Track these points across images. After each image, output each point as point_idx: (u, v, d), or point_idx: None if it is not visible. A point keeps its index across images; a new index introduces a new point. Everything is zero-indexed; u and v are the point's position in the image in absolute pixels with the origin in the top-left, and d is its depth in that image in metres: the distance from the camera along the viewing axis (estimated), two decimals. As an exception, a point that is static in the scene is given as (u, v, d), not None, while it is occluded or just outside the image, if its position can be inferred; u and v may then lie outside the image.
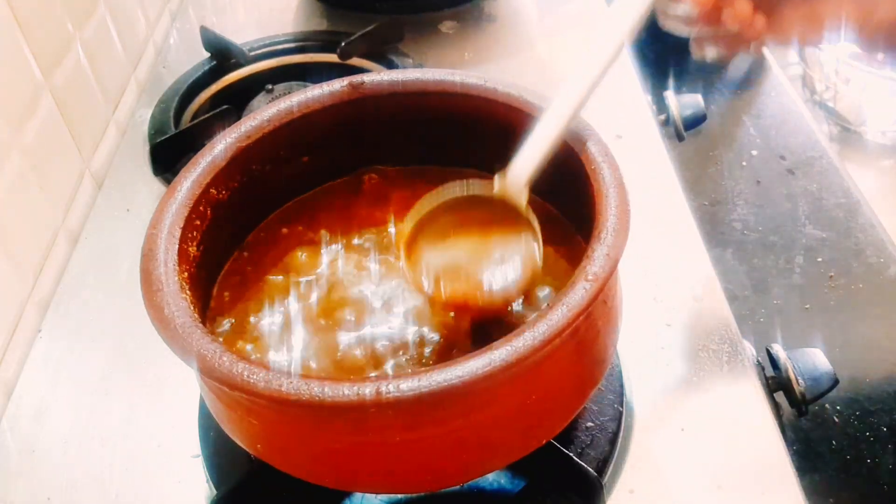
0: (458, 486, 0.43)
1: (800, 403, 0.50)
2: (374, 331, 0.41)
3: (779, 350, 0.51)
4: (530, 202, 0.40)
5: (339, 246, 0.46)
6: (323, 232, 0.46)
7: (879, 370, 0.63)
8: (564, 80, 0.39)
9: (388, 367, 0.40)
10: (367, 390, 0.30)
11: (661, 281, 0.55)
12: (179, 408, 0.50)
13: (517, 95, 0.43)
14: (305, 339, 0.41)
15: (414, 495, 0.44)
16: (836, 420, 0.60)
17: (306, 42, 0.81)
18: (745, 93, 0.90)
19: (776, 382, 0.51)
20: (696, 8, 0.42)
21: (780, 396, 0.51)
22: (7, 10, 0.57)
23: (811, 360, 0.51)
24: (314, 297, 0.43)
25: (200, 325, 0.35)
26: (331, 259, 0.45)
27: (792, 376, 0.50)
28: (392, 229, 0.46)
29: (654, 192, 0.62)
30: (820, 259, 0.70)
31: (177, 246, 0.38)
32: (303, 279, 0.44)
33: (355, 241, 0.46)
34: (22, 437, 0.49)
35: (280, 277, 0.44)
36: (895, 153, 0.98)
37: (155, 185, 0.67)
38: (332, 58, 0.79)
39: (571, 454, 0.42)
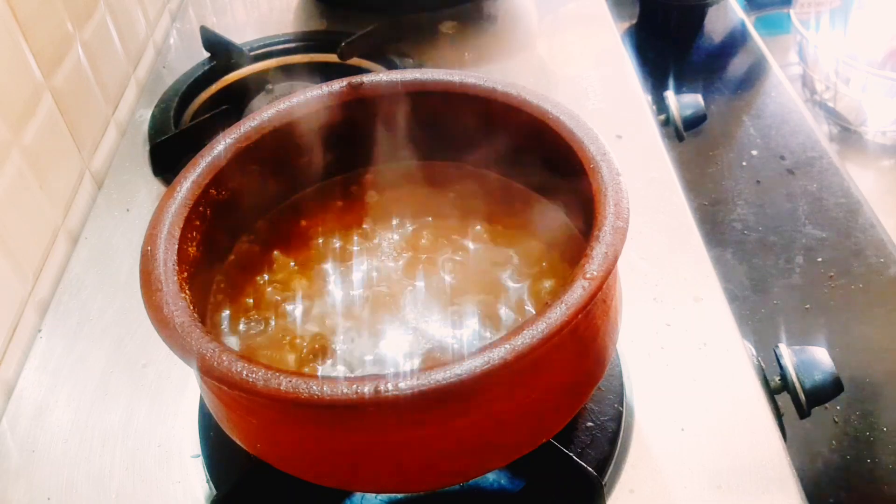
0: (457, 486, 0.43)
1: (802, 408, 0.50)
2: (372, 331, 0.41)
3: (784, 351, 0.51)
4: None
5: (338, 245, 0.46)
6: (321, 231, 0.46)
7: (879, 370, 0.63)
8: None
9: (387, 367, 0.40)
10: (366, 389, 0.30)
11: (661, 281, 0.55)
12: (179, 408, 0.50)
13: (517, 95, 0.43)
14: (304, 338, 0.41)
15: (413, 495, 0.44)
16: (836, 420, 0.59)
17: (306, 42, 0.81)
18: (745, 93, 0.90)
19: (779, 386, 0.50)
20: None
21: (781, 397, 0.51)
22: (7, 10, 0.57)
23: (816, 365, 0.51)
24: (313, 296, 0.43)
25: (199, 324, 0.35)
26: (329, 258, 0.45)
27: (796, 382, 0.50)
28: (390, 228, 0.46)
29: (654, 192, 0.62)
30: (820, 259, 0.70)
31: (176, 246, 0.38)
32: (301, 278, 0.44)
33: (354, 240, 0.46)
34: (22, 437, 0.49)
35: (278, 276, 0.44)
36: (895, 153, 0.98)
37: (155, 185, 0.67)
38: (332, 58, 0.79)
39: (571, 454, 0.42)
